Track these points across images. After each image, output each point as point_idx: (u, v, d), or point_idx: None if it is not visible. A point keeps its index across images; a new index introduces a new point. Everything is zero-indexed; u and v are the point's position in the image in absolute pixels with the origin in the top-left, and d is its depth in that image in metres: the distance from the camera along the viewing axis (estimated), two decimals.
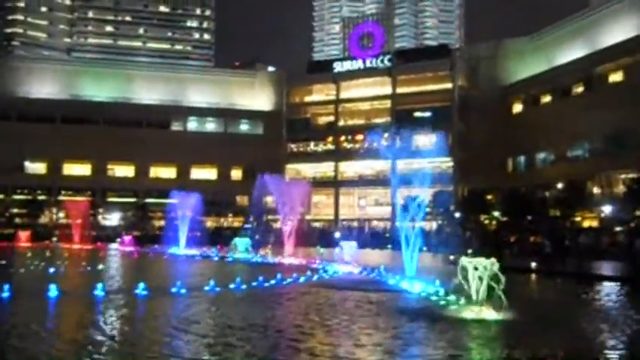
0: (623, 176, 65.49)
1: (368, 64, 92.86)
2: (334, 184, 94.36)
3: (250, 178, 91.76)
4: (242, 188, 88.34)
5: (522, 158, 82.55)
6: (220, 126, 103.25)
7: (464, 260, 17.37)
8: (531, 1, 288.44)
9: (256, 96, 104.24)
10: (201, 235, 66.30)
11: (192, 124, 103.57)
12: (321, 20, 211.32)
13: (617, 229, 56.17)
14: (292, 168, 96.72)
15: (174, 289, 22.63)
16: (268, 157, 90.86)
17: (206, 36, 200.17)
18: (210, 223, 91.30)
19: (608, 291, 27.33)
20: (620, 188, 64.33)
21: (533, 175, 78.49)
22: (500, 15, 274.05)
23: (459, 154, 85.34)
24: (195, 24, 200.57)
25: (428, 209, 69.05)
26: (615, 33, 69.98)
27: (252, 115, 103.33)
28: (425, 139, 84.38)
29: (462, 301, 17.61)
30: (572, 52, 75.77)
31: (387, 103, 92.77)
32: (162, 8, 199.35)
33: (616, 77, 69.29)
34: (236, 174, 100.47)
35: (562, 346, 13.67)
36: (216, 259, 46.69)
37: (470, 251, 32.21)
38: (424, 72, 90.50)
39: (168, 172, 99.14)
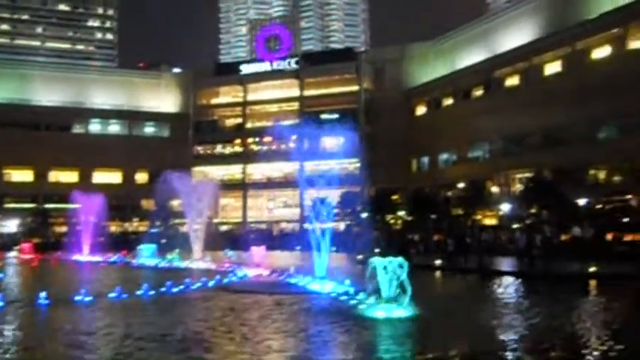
0: (519, 176, 68.60)
1: (275, 67, 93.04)
2: (242, 186, 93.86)
3: (156, 181, 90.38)
4: (147, 192, 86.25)
5: (426, 159, 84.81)
6: (125, 128, 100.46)
7: (373, 260, 17.73)
8: (434, 7, 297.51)
9: (162, 98, 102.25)
10: (105, 240, 64.33)
11: (95, 127, 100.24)
12: (227, 22, 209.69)
13: (515, 226, 58.71)
14: (199, 171, 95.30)
15: (77, 298, 21.89)
16: (175, 160, 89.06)
17: (109, 36, 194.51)
18: (114, 228, 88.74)
19: (507, 284, 28.59)
20: (517, 187, 67.37)
21: (436, 175, 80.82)
22: (404, 20, 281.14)
23: (366, 155, 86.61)
24: (97, 23, 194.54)
25: (336, 210, 70.23)
26: (512, 38, 73.15)
27: (157, 117, 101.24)
28: (332, 141, 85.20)
29: (372, 300, 17.94)
30: (472, 57, 78.57)
31: (295, 105, 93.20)
32: (62, 7, 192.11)
33: (513, 81, 72.28)
34: (141, 177, 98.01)
35: (467, 341, 14.17)
36: (121, 265, 45.47)
37: (377, 251, 32.87)
38: (331, 74, 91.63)
39: (69, 177, 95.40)
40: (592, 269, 30.48)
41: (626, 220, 54.34)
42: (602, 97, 58.39)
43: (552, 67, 66.94)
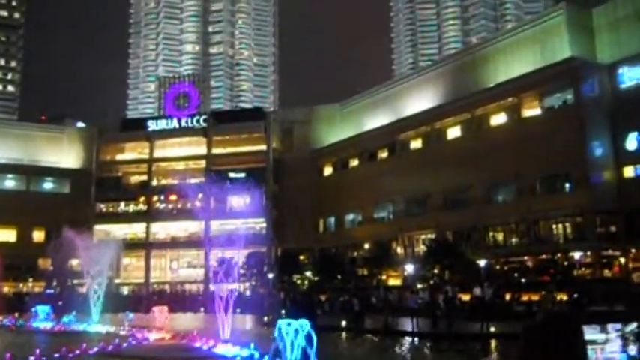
0: (423, 236, 70.23)
1: (183, 124, 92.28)
2: (145, 245, 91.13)
3: (54, 239, 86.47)
4: (44, 251, 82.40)
5: (333, 219, 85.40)
6: (22, 184, 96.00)
7: (279, 322, 17.43)
8: (342, 71, 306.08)
9: (64, 153, 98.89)
10: None
11: None
12: (136, 78, 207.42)
13: (419, 285, 59.73)
14: (101, 229, 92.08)
15: None
16: (75, 218, 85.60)
17: (10, 88, 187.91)
18: (7, 288, 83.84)
19: (410, 345, 28.76)
20: (421, 247, 68.86)
21: (343, 235, 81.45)
22: (312, 82, 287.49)
23: (273, 215, 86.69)
24: None
25: (242, 270, 69.43)
26: (416, 103, 75.92)
27: (58, 173, 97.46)
28: (239, 200, 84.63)
29: None
30: (378, 120, 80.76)
31: (202, 164, 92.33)
32: None
33: (416, 144, 74.67)
34: (38, 235, 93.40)
35: None
36: (13, 327, 42.72)
37: (283, 312, 32.48)
38: (239, 133, 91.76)
39: None
40: (492, 329, 31.21)
41: (523, 280, 56.58)
42: (499, 162, 61.34)
43: (453, 132, 69.77)
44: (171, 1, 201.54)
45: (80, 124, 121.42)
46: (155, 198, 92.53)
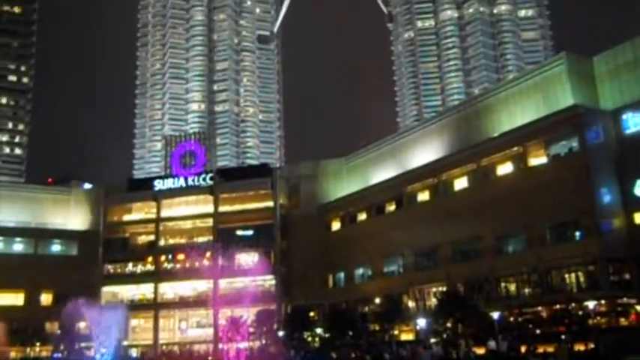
0: (434, 289, 69.32)
1: (190, 183, 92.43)
2: (154, 306, 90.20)
3: (62, 302, 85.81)
4: (52, 314, 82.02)
5: (342, 274, 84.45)
6: (30, 247, 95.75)
7: None
8: (347, 125, 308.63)
9: (71, 214, 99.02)
10: None
11: None
12: (142, 137, 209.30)
13: (432, 340, 58.67)
14: (109, 291, 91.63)
15: None
16: (82, 280, 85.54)
17: (17, 151, 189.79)
18: (14, 353, 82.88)
19: None
20: (432, 301, 67.90)
21: (352, 290, 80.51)
22: (318, 137, 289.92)
23: (282, 271, 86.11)
24: (6, 138, 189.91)
25: (251, 329, 68.59)
26: (422, 155, 75.94)
27: (65, 235, 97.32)
28: (247, 258, 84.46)
29: None
30: (384, 173, 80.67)
31: (209, 222, 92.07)
32: None
33: (423, 196, 74.42)
34: (46, 299, 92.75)
35: None
36: None
37: None
38: (246, 190, 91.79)
39: None
40: None
41: (538, 331, 55.53)
42: (508, 211, 61.01)
43: (460, 183, 69.61)
44: (176, 62, 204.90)
45: (87, 185, 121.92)
46: (163, 258, 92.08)
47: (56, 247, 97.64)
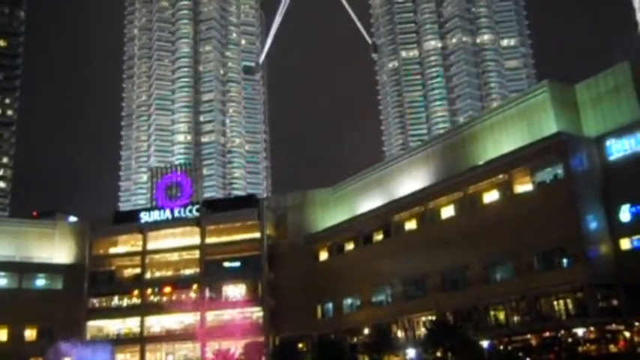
0: (423, 318, 68.91)
1: (176, 214, 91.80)
2: (140, 340, 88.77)
3: (46, 337, 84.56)
4: (37, 349, 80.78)
5: (330, 305, 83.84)
6: (14, 281, 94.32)
7: None
8: (333, 155, 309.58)
9: (56, 248, 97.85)
10: None
11: None
12: (128, 169, 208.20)
13: None
14: (94, 325, 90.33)
15: None
16: (67, 315, 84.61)
17: (1, 184, 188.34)
18: None
19: None
20: (422, 330, 67.49)
21: (341, 320, 79.94)
22: (303, 167, 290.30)
23: (269, 303, 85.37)
24: None
25: None
26: (408, 184, 76.06)
27: (50, 269, 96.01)
28: (235, 290, 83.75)
29: None
30: (371, 202, 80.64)
31: (196, 254, 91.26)
32: None
33: (411, 225, 74.35)
34: (30, 334, 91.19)
35: None
36: None
37: None
38: (233, 221, 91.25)
39: None
40: None
41: (528, 359, 55.26)
42: (495, 239, 61.15)
43: (447, 211, 69.69)
44: (162, 93, 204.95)
45: (72, 219, 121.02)
46: (149, 291, 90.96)
47: (41, 282, 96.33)
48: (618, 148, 56.45)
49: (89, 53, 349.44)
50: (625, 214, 54.84)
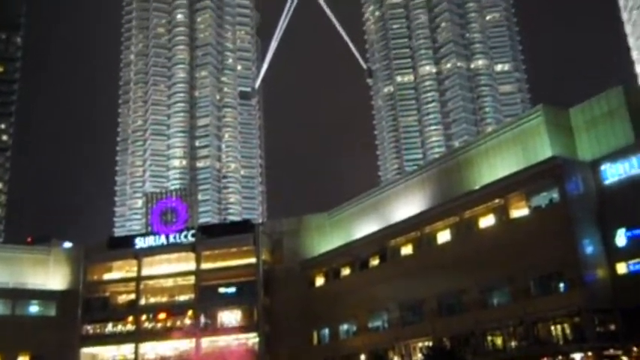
0: (420, 344, 68.40)
1: (171, 240, 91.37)
2: None
3: None
4: None
5: (327, 330, 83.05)
6: (7, 308, 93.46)
7: None
8: (329, 179, 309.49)
9: (51, 274, 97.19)
10: None
11: None
12: (123, 195, 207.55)
13: None
14: (88, 352, 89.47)
15: None
16: (61, 341, 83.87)
17: None
18: None
19: None
20: (419, 356, 66.94)
21: (337, 347, 79.23)
22: (299, 192, 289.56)
23: (265, 329, 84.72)
24: None
25: None
26: (404, 209, 75.95)
27: (44, 296, 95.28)
28: (230, 316, 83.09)
29: None
30: (367, 227, 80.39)
31: (191, 279, 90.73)
32: None
33: (407, 250, 74.05)
34: None
35: None
36: None
37: None
38: (228, 247, 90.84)
39: None
40: None
41: None
42: (491, 264, 60.98)
43: (443, 236, 69.50)
44: (158, 118, 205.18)
45: (67, 244, 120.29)
46: (144, 317, 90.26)
47: (34, 308, 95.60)
48: (613, 173, 56.53)
49: (85, 78, 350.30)
50: (621, 238, 54.75)
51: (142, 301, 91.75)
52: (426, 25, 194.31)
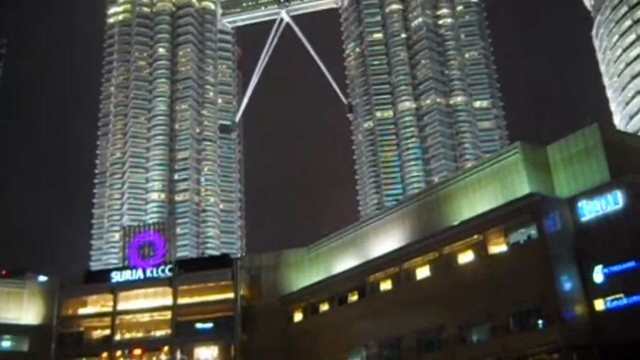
0: None
1: (148, 274, 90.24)
2: None
3: None
4: None
5: None
6: None
7: None
8: (307, 214, 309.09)
9: (25, 308, 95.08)
10: None
11: None
12: (100, 228, 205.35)
13: None
14: None
15: None
16: None
17: None
18: None
19: None
20: None
21: None
22: (278, 226, 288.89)
23: None
24: None
25: None
26: (383, 244, 75.86)
27: (16, 330, 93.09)
28: (207, 352, 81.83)
29: None
30: (346, 262, 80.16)
31: (168, 315, 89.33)
32: None
33: (386, 285, 73.67)
34: None
35: None
36: None
37: None
38: (206, 282, 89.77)
39: None
40: None
41: None
42: (470, 300, 60.87)
43: (422, 272, 69.26)
44: (137, 151, 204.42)
45: (42, 278, 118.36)
46: (119, 353, 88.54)
47: (6, 343, 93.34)
48: (590, 209, 57.01)
49: (64, 110, 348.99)
50: (598, 274, 55.02)
51: (117, 337, 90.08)
52: (406, 62, 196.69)
